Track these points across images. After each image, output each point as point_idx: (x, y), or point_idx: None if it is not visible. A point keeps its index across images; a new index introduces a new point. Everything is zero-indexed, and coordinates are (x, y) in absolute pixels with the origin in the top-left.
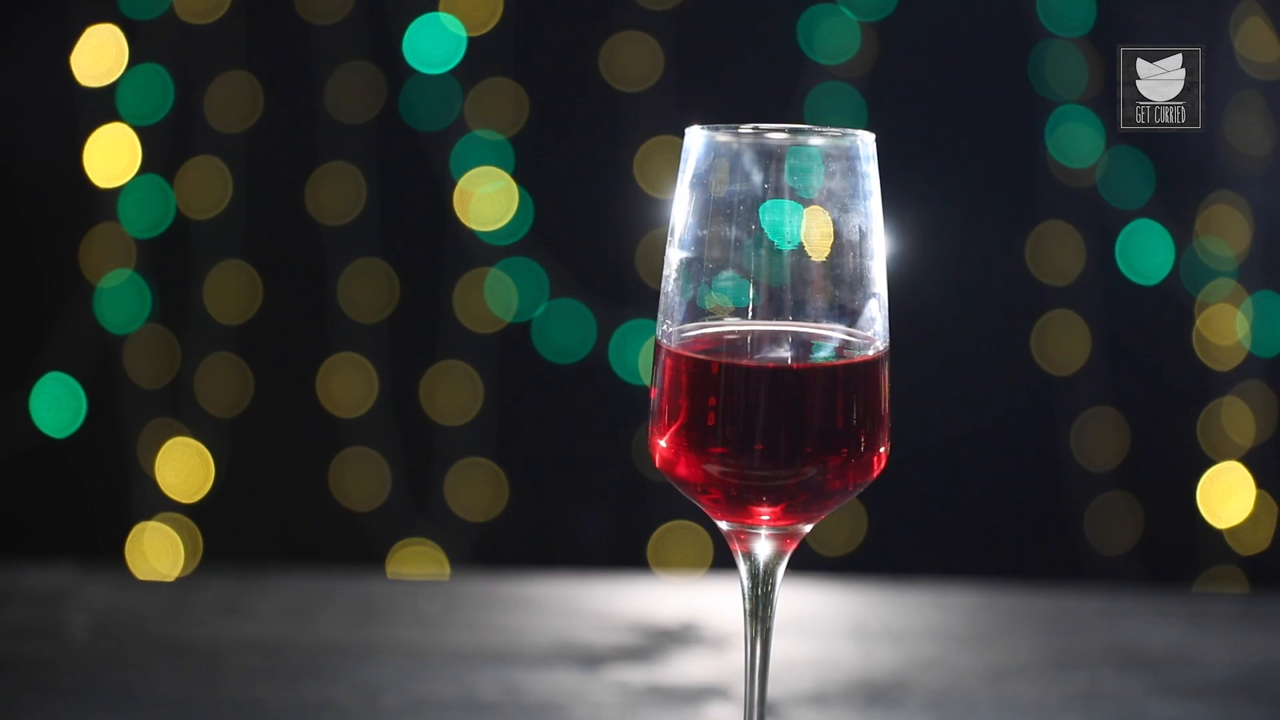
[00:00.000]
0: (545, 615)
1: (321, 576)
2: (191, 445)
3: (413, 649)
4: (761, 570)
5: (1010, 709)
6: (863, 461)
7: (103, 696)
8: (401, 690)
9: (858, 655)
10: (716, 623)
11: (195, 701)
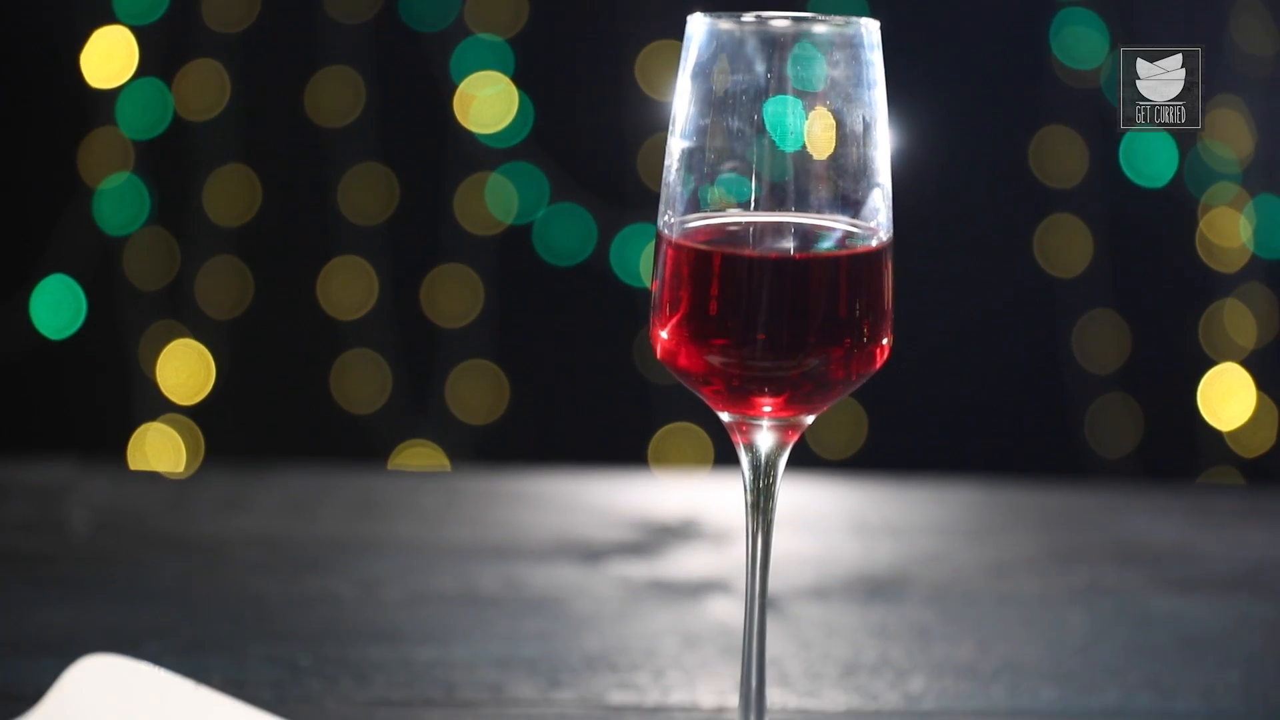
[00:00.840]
0: (546, 511)
1: (322, 472)
2: (192, 347)
3: (413, 543)
4: (763, 462)
5: (1011, 603)
6: (865, 353)
7: (103, 590)
8: (402, 584)
9: (858, 550)
10: (717, 519)
11: (196, 595)
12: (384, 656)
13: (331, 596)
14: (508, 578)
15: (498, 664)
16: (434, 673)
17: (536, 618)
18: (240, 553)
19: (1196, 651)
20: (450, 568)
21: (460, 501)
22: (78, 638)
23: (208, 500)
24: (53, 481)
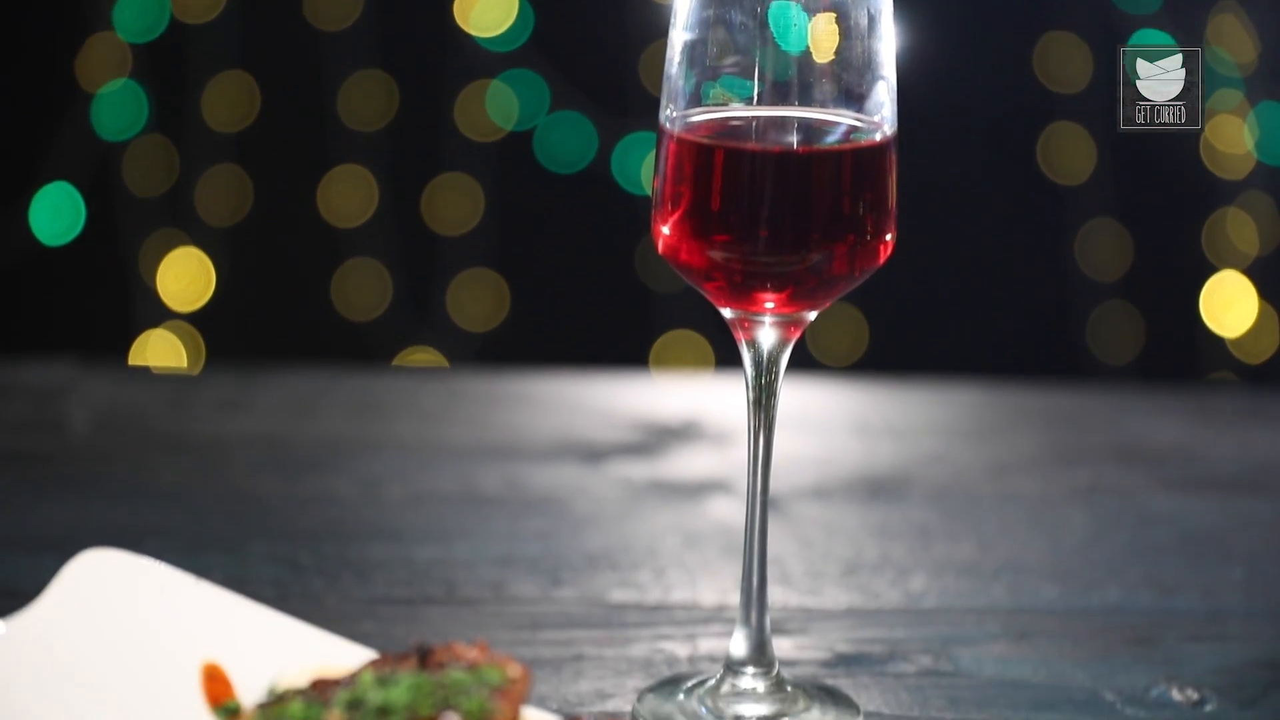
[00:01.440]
0: (547, 412)
1: (323, 374)
2: (192, 254)
3: (414, 444)
4: (765, 359)
5: (1012, 503)
6: (869, 248)
7: (103, 490)
8: (403, 483)
9: (860, 451)
10: (718, 420)
11: (197, 494)
12: (385, 555)
13: (332, 496)
14: (509, 478)
15: (499, 562)
16: (435, 571)
17: (537, 517)
18: (240, 452)
19: (1197, 550)
20: (451, 468)
21: (461, 402)
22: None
23: (208, 400)
24: (52, 381)
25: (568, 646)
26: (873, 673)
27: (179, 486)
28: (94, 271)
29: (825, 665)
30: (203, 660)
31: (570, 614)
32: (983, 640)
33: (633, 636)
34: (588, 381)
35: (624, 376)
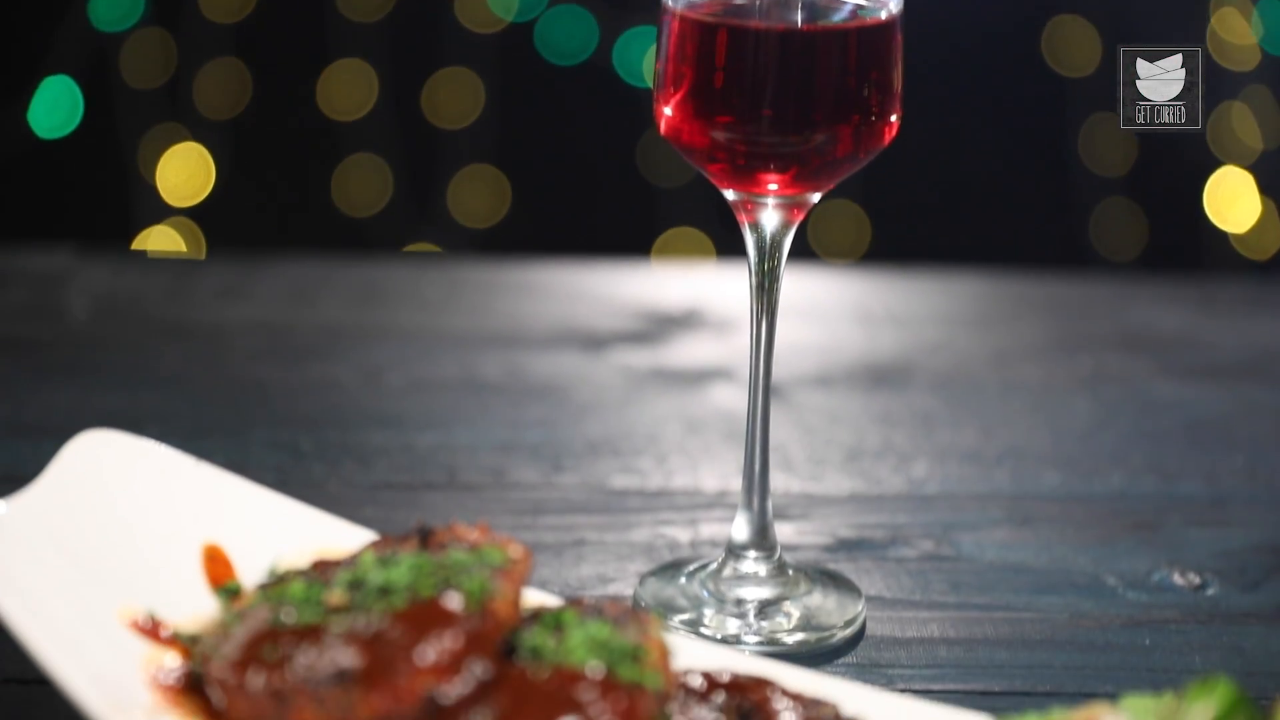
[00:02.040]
0: (548, 300)
1: (323, 263)
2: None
3: (415, 332)
4: (768, 242)
5: (1015, 391)
6: (873, 129)
7: (103, 376)
8: (404, 370)
9: (863, 339)
10: (720, 309)
11: (197, 381)
12: (386, 441)
13: (333, 383)
14: (510, 365)
15: (500, 449)
16: (436, 457)
17: (539, 404)
18: (241, 340)
19: (1201, 437)
20: (452, 355)
21: (462, 291)
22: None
23: (208, 288)
24: (51, 269)
25: (569, 531)
26: (875, 557)
27: (179, 373)
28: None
29: (827, 550)
30: (203, 541)
31: (571, 499)
32: (985, 525)
33: (634, 522)
34: (589, 270)
35: (625, 265)
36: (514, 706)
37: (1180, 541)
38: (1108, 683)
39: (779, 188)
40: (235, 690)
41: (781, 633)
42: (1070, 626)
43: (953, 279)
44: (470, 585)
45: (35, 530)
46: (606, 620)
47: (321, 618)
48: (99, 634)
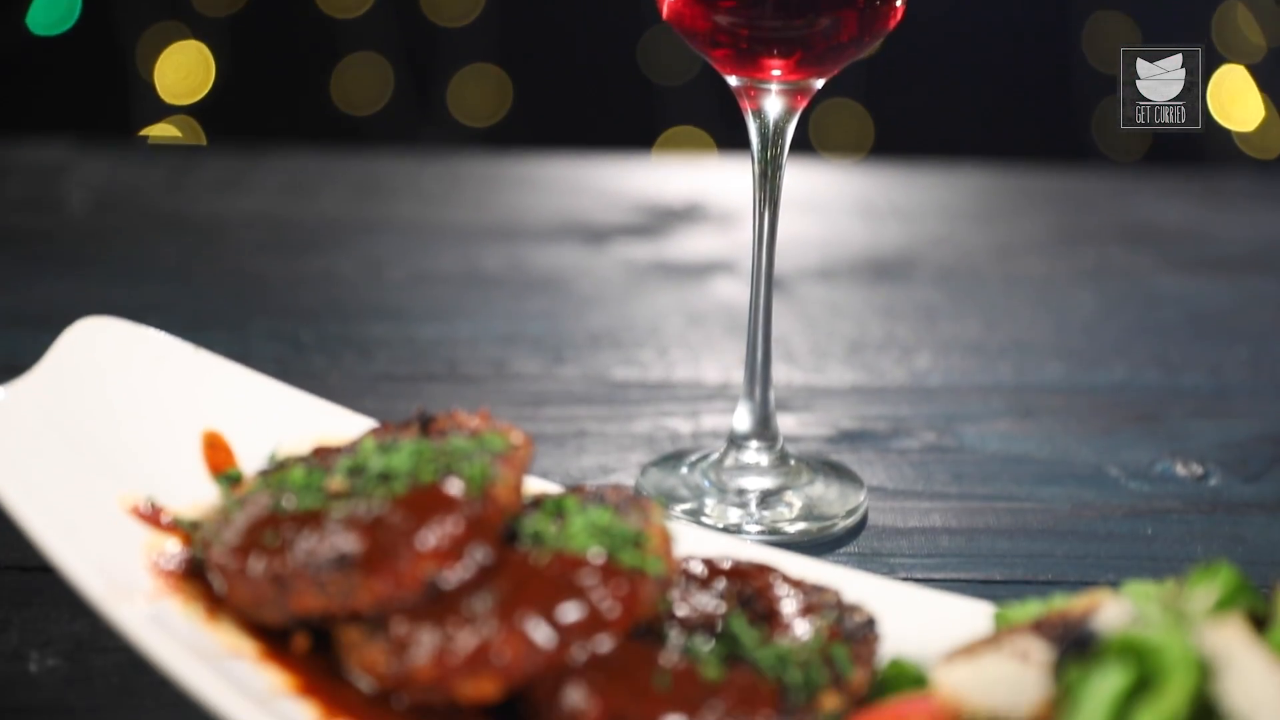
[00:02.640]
0: (549, 194)
1: (323, 156)
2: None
3: (416, 224)
4: (771, 130)
5: (1018, 284)
6: (879, 12)
7: (102, 267)
8: (405, 263)
9: (866, 233)
10: (722, 202)
11: (197, 273)
12: (386, 333)
13: (333, 275)
14: (511, 258)
15: (501, 341)
16: (437, 349)
17: (540, 297)
18: (241, 232)
19: (1204, 329)
20: (453, 249)
21: (463, 184)
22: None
23: (207, 180)
24: (50, 161)
25: (570, 423)
26: (877, 448)
27: (179, 265)
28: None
29: (829, 441)
30: (203, 428)
31: (573, 391)
32: (987, 417)
33: (635, 413)
34: (590, 164)
35: (626, 160)
36: (515, 591)
37: (1182, 432)
38: (1109, 571)
39: (782, 73)
40: (236, 576)
41: (783, 522)
42: (1072, 516)
43: (956, 173)
44: (471, 471)
45: (35, 417)
46: (608, 506)
47: (322, 504)
48: (99, 520)
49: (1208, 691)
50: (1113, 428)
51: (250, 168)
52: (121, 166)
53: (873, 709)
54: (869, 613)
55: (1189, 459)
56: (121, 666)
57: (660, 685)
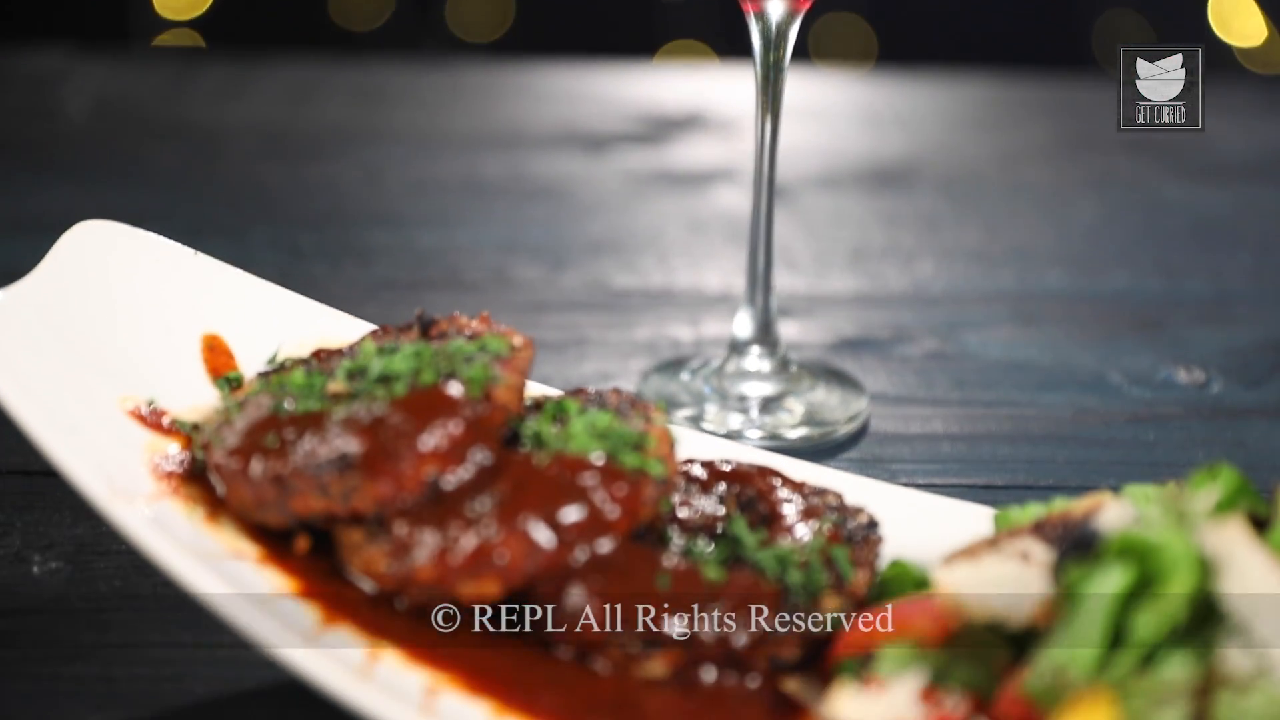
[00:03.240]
0: (549, 102)
1: (323, 64)
2: None
3: (416, 133)
4: (774, 32)
5: (1022, 191)
6: None
7: (101, 175)
8: (405, 172)
9: (868, 141)
10: (723, 111)
11: (196, 180)
12: (387, 241)
13: (334, 183)
14: (511, 167)
15: (501, 248)
16: (437, 256)
17: (540, 205)
18: (241, 140)
19: (1208, 236)
20: (453, 157)
21: (464, 94)
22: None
23: (206, 89)
24: (47, 68)
25: (571, 330)
26: (879, 355)
27: (178, 172)
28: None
29: (831, 348)
30: (203, 331)
31: (573, 298)
32: (989, 324)
33: (636, 320)
34: (590, 72)
35: (627, 68)
36: (516, 493)
37: (1184, 339)
38: (1110, 477)
39: None
40: (236, 477)
41: (784, 428)
42: (1074, 422)
43: (959, 82)
44: (472, 373)
45: (34, 319)
46: (609, 409)
47: (323, 406)
48: (100, 422)
49: (1208, 591)
50: (1115, 334)
51: (248, 76)
52: (120, 74)
53: (874, 610)
54: (870, 515)
55: (1191, 365)
56: (123, 569)
57: (661, 586)
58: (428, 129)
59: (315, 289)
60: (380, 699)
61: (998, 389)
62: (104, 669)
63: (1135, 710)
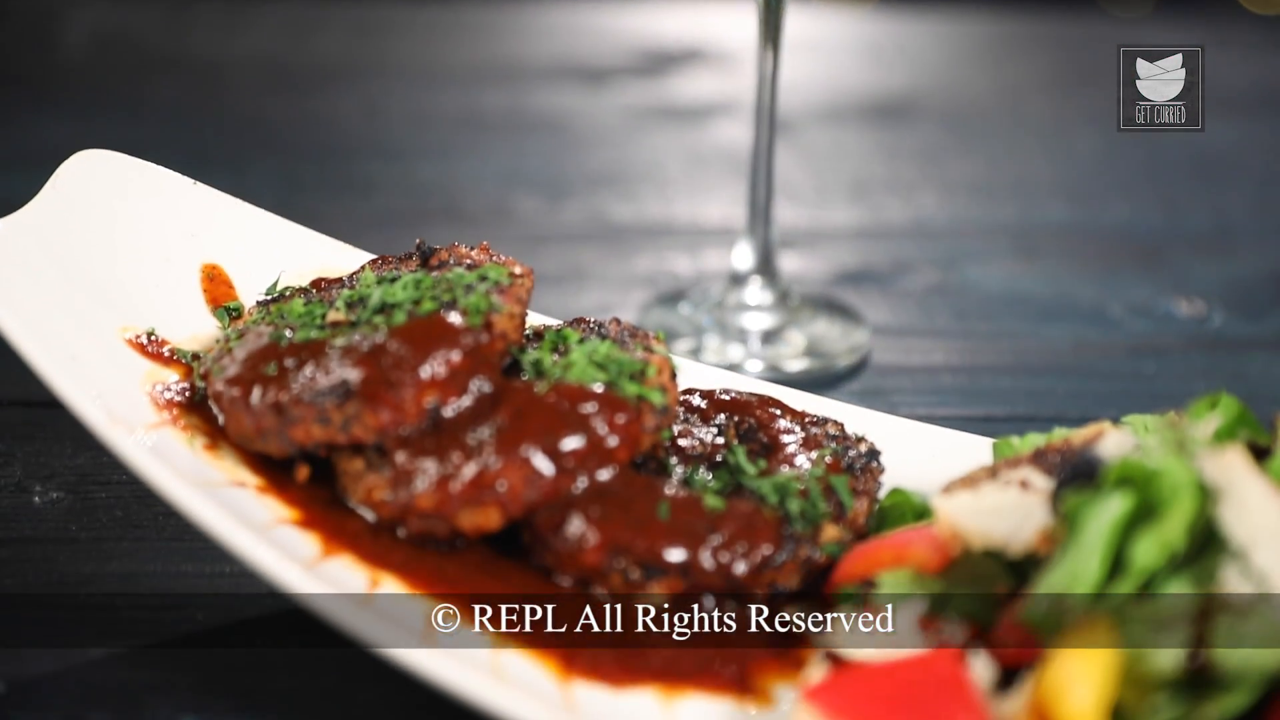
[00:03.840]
0: (549, 36)
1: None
2: None
3: (416, 67)
4: None
5: (1024, 125)
6: None
7: (100, 108)
8: (405, 104)
9: (870, 75)
10: (723, 45)
11: (196, 113)
12: (387, 173)
13: (334, 116)
14: (510, 100)
15: (501, 181)
16: (437, 189)
17: (539, 138)
18: (240, 73)
19: (1210, 170)
20: (453, 90)
21: (463, 26)
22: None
23: (204, 22)
24: (48, 1)
25: (570, 262)
26: (880, 287)
27: (177, 105)
28: None
29: (832, 280)
30: (202, 261)
31: (572, 231)
32: (991, 256)
33: (636, 252)
34: (590, 6)
35: (627, 1)
36: (516, 421)
37: (1186, 272)
38: (1111, 408)
39: None
40: (237, 406)
41: (785, 360)
42: (1074, 354)
43: (961, 16)
44: (472, 302)
45: (33, 249)
46: (609, 338)
47: (322, 335)
48: (100, 352)
49: (1208, 517)
50: (1116, 266)
51: (250, 8)
52: (120, 6)
53: (874, 539)
54: (871, 444)
55: (1192, 297)
56: (124, 500)
57: (661, 515)
58: (428, 62)
59: (315, 221)
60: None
61: (998, 321)
62: (106, 598)
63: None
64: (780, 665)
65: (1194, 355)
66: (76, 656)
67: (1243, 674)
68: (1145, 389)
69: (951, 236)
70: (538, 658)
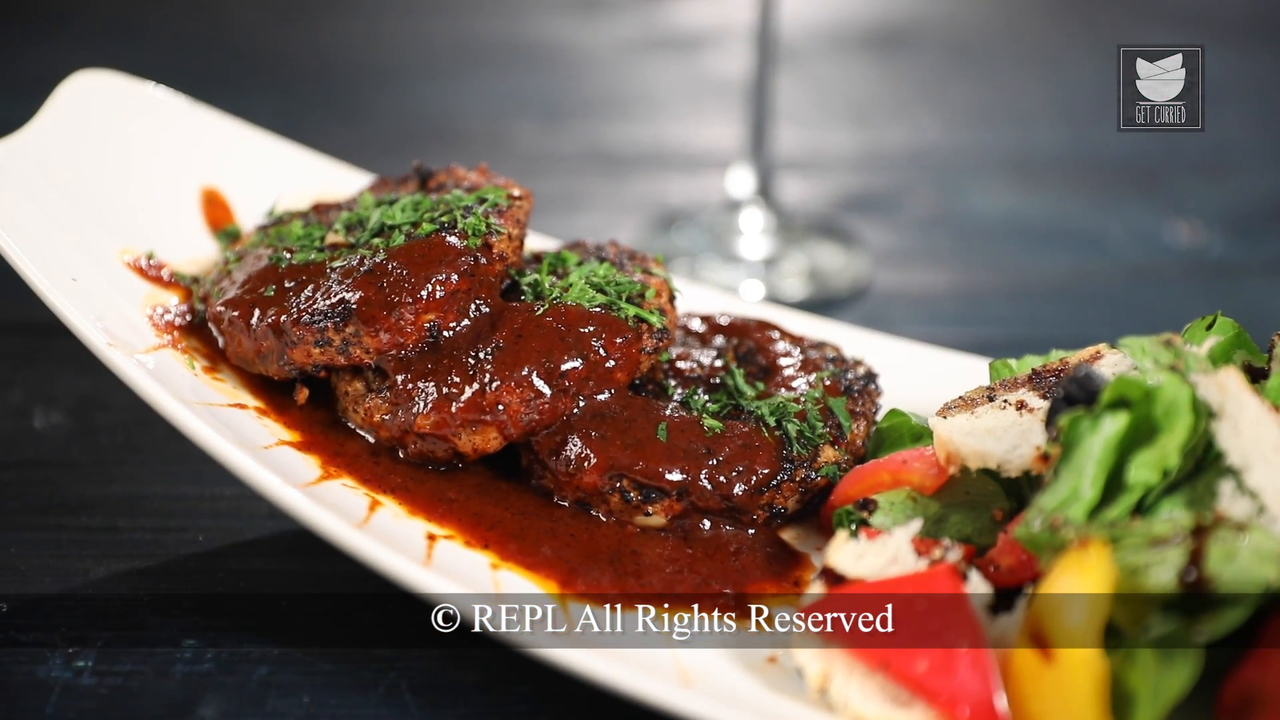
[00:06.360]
0: None
1: None
2: None
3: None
4: None
5: (1026, 52)
6: None
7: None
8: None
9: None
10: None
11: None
12: (382, 98)
13: (330, 39)
14: (507, 25)
15: (497, 106)
16: (433, 114)
17: (535, 64)
18: None
19: (1211, 95)
20: (450, 15)
21: None
22: None
23: None
24: None
25: (567, 186)
26: (881, 212)
27: (173, 28)
28: None
29: (834, 205)
30: (201, 184)
31: (569, 156)
32: (992, 182)
33: (632, 177)
34: None
35: None
36: (516, 343)
37: (1184, 198)
38: (1108, 331)
39: None
40: (236, 328)
41: (785, 285)
42: (1072, 279)
43: None
44: (470, 223)
45: (32, 171)
46: (608, 260)
47: (321, 257)
48: (100, 274)
49: (1204, 436)
50: (1117, 192)
51: None
52: None
53: (872, 461)
54: (869, 367)
55: (1191, 221)
56: (125, 424)
57: (660, 437)
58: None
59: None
60: (381, 548)
61: (997, 246)
62: (107, 520)
63: (1129, 555)
64: (778, 586)
65: (1192, 280)
66: (78, 577)
67: (1237, 591)
68: (1143, 314)
69: (953, 162)
70: (536, 579)
